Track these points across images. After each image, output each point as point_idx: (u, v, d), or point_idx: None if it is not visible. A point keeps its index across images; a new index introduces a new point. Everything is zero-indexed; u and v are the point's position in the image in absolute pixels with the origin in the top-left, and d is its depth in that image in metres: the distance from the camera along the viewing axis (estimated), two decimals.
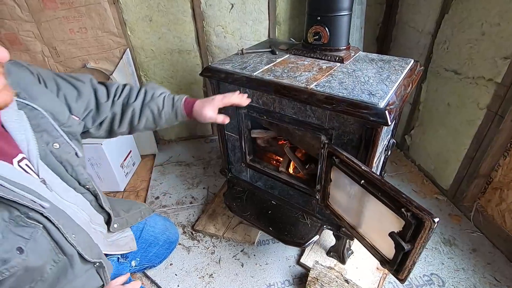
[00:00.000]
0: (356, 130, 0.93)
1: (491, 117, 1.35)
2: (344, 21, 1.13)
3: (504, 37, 1.25)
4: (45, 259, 0.59)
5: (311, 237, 1.22)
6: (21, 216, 0.54)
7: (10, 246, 0.51)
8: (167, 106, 0.90)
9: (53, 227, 0.60)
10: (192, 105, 0.91)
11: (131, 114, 0.87)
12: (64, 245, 0.63)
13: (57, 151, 0.67)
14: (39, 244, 0.57)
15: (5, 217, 0.52)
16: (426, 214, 0.69)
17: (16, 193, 0.53)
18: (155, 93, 0.90)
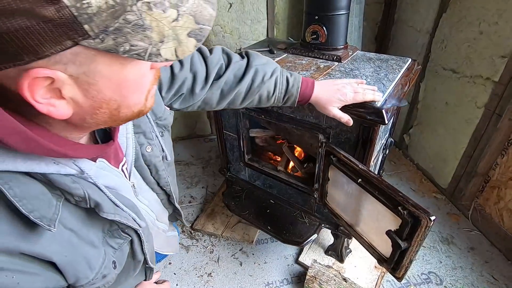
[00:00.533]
0: (353, 129, 0.93)
1: (489, 116, 1.36)
2: (342, 20, 1.13)
3: (502, 36, 1.26)
4: (123, 266, 0.58)
5: (309, 235, 1.23)
6: (118, 230, 0.53)
7: (108, 261, 0.50)
8: (279, 92, 0.77)
9: (138, 238, 0.59)
10: (310, 96, 0.78)
11: (234, 96, 0.75)
12: (138, 253, 0.61)
13: (148, 155, 0.63)
14: (123, 253, 0.56)
15: (105, 229, 0.51)
16: (422, 212, 0.69)
17: (125, 213, 0.51)
18: (266, 73, 0.74)
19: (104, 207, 0.44)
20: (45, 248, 0.37)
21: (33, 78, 0.28)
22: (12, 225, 0.34)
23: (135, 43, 0.29)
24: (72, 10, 0.25)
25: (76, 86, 0.31)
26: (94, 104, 0.34)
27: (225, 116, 1.28)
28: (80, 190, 0.40)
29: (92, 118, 0.36)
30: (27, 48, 0.26)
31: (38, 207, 0.35)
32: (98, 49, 0.29)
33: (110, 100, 0.35)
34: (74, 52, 0.28)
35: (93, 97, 0.33)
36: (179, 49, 0.32)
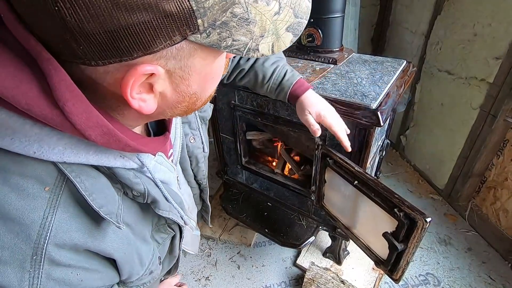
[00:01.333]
0: (349, 131, 0.94)
1: (484, 117, 1.37)
2: (337, 23, 1.13)
3: (495, 38, 1.27)
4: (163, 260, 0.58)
5: (306, 238, 1.23)
6: (165, 225, 0.53)
7: (155, 257, 0.50)
8: (273, 82, 0.79)
9: (179, 234, 0.58)
10: (299, 96, 0.79)
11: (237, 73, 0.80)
12: (176, 248, 0.61)
13: (191, 146, 0.61)
14: (164, 248, 0.56)
15: (154, 223, 0.50)
16: (418, 214, 0.69)
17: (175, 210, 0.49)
18: (269, 59, 0.78)
19: (160, 204, 0.44)
20: (109, 245, 0.37)
21: (140, 75, 0.27)
22: (81, 221, 0.33)
23: (237, 38, 0.28)
24: (192, 4, 0.25)
25: (169, 81, 0.31)
26: (179, 98, 0.33)
27: (221, 119, 1.28)
28: (141, 186, 0.39)
29: (171, 111, 0.35)
30: (140, 43, 0.25)
31: (106, 203, 0.34)
32: (202, 44, 0.28)
33: (193, 94, 0.34)
34: (179, 47, 0.27)
35: (180, 92, 0.33)
36: (276, 44, 0.31)
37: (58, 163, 0.31)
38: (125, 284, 0.45)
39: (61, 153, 0.30)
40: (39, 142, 0.29)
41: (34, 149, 0.29)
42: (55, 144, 0.30)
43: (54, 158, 0.30)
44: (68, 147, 0.31)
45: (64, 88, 0.26)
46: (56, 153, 0.30)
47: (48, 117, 0.27)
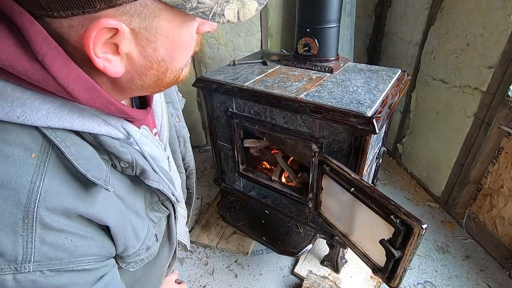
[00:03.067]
0: (345, 138, 0.95)
1: (479, 125, 1.38)
2: (333, 32, 1.16)
3: (488, 47, 1.30)
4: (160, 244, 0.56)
5: (304, 246, 1.22)
6: (158, 203, 0.51)
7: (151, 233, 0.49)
8: None
9: (173, 214, 0.57)
10: None
11: None
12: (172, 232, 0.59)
13: (178, 125, 0.61)
14: (161, 229, 0.55)
15: (147, 201, 0.49)
16: (414, 220, 0.70)
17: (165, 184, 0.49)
18: None
19: (149, 175, 0.43)
20: (100, 211, 0.36)
21: (100, 29, 0.27)
22: (69, 186, 0.32)
23: (203, 0, 0.29)
24: None
25: (134, 42, 0.31)
26: (147, 64, 0.33)
27: (219, 127, 1.29)
28: (128, 155, 0.39)
29: (140, 79, 0.35)
30: None
31: (93, 168, 0.34)
32: (167, 3, 0.28)
33: (161, 61, 0.34)
34: (143, 3, 0.28)
35: (147, 56, 0.33)
36: (241, 11, 0.32)
37: (43, 128, 0.30)
38: (122, 259, 0.44)
39: (45, 117, 0.30)
40: (22, 107, 0.29)
41: (18, 113, 0.28)
42: (37, 108, 0.29)
43: (38, 123, 0.30)
44: (51, 111, 0.30)
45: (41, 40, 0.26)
46: (40, 117, 0.30)
47: (29, 72, 0.27)
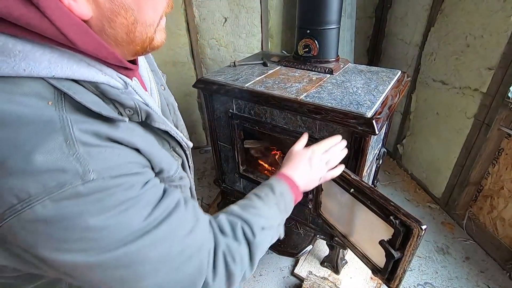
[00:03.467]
0: (345, 139, 0.95)
1: (479, 126, 1.38)
2: (333, 34, 1.16)
3: (487, 49, 1.30)
4: None
5: (304, 246, 1.22)
6: (170, 149, 0.51)
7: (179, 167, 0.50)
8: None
9: (187, 164, 0.57)
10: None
11: None
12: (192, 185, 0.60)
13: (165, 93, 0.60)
14: None
15: None
16: (413, 221, 0.70)
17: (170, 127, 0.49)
18: None
19: (154, 117, 0.43)
20: (127, 135, 0.37)
21: None
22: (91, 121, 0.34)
23: None
24: None
25: None
26: (113, 8, 0.34)
27: (219, 128, 1.29)
28: (131, 101, 0.39)
29: (110, 27, 0.35)
30: None
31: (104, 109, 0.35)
32: None
33: (128, 9, 0.35)
34: None
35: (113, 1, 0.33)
36: None
37: (48, 78, 0.32)
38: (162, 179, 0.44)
39: (48, 67, 0.32)
40: (25, 60, 0.30)
41: (23, 66, 0.30)
42: (39, 59, 0.31)
43: (43, 73, 0.31)
44: (52, 61, 0.32)
45: None
46: (43, 68, 0.31)
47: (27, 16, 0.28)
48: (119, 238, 0.33)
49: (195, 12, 1.82)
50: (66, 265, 0.32)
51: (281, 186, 0.59)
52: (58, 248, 0.31)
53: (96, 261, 0.32)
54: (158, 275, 0.37)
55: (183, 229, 0.40)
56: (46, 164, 0.29)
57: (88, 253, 0.32)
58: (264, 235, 0.50)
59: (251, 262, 0.47)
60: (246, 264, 0.46)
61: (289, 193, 0.59)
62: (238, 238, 0.47)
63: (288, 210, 0.59)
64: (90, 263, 0.32)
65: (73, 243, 0.31)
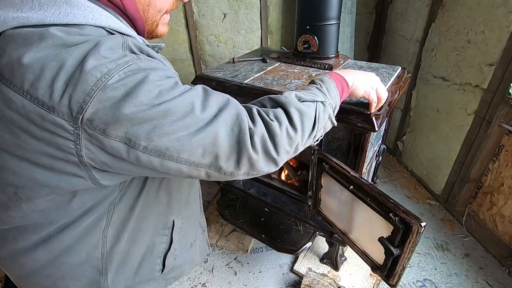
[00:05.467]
0: (345, 136, 0.94)
1: (479, 123, 1.38)
2: (333, 30, 1.15)
3: (489, 45, 1.29)
4: None
5: (303, 243, 1.22)
6: None
7: None
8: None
9: None
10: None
11: None
12: None
13: None
14: None
15: None
16: (413, 218, 0.70)
17: None
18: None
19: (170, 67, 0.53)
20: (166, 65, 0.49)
21: None
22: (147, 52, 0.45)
23: None
24: None
25: None
26: None
27: None
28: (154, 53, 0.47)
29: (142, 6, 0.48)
30: None
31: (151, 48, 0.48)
32: None
33: None
34: None
35: None
36: None
37: (106, 27, 0.43)
38: None
39: (106, 20, 0.43)
40: (92, 13, 0.42)
41: (91, 17, 0.41)
42: (100, 13, 0.43)
43: (104, 23, 0.43)
44: (108, 17, 0.44)
45: None
46: (104, 20, 0.43)
47: None
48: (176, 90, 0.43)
49: (194, 8, 1.81)
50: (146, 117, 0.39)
51: (322, 76, 0.64)
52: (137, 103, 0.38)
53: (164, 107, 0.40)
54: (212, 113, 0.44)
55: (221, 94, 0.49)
56: (113, 54, 0.39)
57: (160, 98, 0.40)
58: (302, 104, 0.53)
59: (290, 121, 0.50)
60: (285, 121, 0.50)
61: (330, 80, 0.63)
62: (271, 104, 0.54)
63: (333, 95, 0.61)
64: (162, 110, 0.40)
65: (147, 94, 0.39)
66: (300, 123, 0.51)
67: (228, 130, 0.44)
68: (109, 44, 0.39)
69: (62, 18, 0.39)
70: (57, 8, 0.39)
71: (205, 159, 0.43)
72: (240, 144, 0.44)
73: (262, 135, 0.46)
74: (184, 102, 0.42)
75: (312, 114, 0.54)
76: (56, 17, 0.39)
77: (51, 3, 0.39)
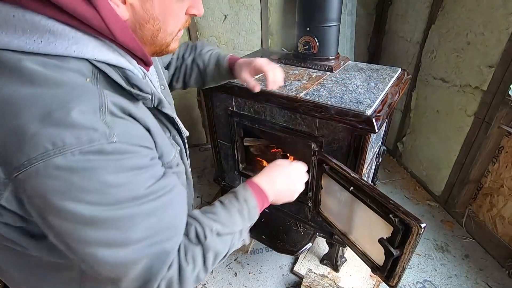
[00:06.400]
0: (345, 137, 0.95)
1: (479, 124, 1.38)
2: (333, 31, 1.16)
3: (488, 46, 1.29)
4: None
5: (303, 244, 1.22)
6: (170, 138, 0.56)
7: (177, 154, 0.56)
8: (211, 63, 0.87)
9: (184, 151, 0.62)
10: (235, 62, 0.86)
11: (184, 69, 0.89)
12: (188, 170, 0.65)
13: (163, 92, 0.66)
14: None
15: None
16: (413, 219, 0.70)
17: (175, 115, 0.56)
18: (204, 49, 0.89)
19: (164, 104, 0.51)
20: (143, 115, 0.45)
21: None
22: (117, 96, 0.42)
23: None
24: None
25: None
26: (145, 16, 0.43)
27: (219, 125, 1.29)
28: (149, 88, 0.47)
29: (140, 29, 0.45)
30: None
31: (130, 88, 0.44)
32: None
33: (156, 19, 0.45)
34: None
35: (146, 10, 0.43)
36: None
37: (91, 60, 0.40)
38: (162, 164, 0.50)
39: (92, 51, 0.40)
40: (77, 44, 0.38)
41: (74, 48, 0.38)
42: (87, 44, 0.39)
43: (88, 55, 0.39)
44: (96, 48, 0.40)
45: None
46: (89, 51, 0.39)
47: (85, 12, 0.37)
48: (125, 198, 0.39)
49: None
50: (72, 217, 0.36)
51: (246, 193, 0.61)
52: (73, 197, 0.35)
53: (100, 216, 0.37)
54: (141, 244, 0.41)
55: (172, 210, 0.45)
56: (83, 121, 0.35)
57: (97, 207, 0.36)
58: (220, 240, 0.52)
59: (204, 265, 0.49)
60: (199, 265, 0.48)
61: (253, 199, 0.60)
62: (191, 238, 0.50)
63: (252, 217, 0.60)
64: (94, 217, 0.37)
65: (87, 194, 0.36)
66: (213, 263, 0.51)
67: (143, 268, 0.42)
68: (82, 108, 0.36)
69: (42, 48, 0.37)
70: (40, 36, 0.36)
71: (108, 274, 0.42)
72: (146, 284, 0.44)
73: (170, 279, 0.45)
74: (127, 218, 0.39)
75: (226, 250, 0.54)
76: (37, 46, 0.36)
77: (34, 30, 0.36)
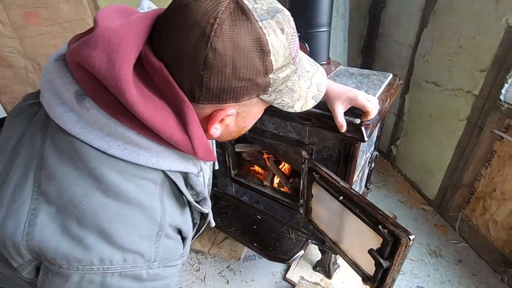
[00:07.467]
0: (335, 145, 0.93)
1: (471, 128, 1.38)
2: (324, 36, 1.14)
3: (480, 50, 1.29)
4: None
5: (295, 252, 1.21)
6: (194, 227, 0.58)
7: None
8: None
9: None
10: None
11: None
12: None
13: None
14: None
15: None
16: (402, 231, 0.69)
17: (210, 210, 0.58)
18: None
19: (207, 202, 0.54)
20: (187, 223, 0.49)
21: (225, 113, 0.41)
22: (177, 207, 0.46)
23: (284, 99, 0.45)
24: (271, 80, 0.41)
25: (235, 118, 0.45)
26: (235, 130, 0.47)
27: None
28: (199, 186, 0.50)
29: (226, 137, 0.49)
30: (235, 97, 0.39)
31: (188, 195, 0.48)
32: (263, 100, 0.44)
33: (243, 128, 0.49)
34: (253, 101, 0.43)
35: (238, 126, 0.47)
36: (304, 105, 0.49)
37: (166, 170, 0.43)
38: None
39: (168, 164, 0.43)
40: (157, 157, 0.41)
41: (153, 161, 0.41)
42: (164, 158, 0.42)
43: (164, 167, 0.43)
44: (172, 160, 0.43)
45: (195, 124, 0.39)
46: (165, 164, 0.43)
47: (180, 141, 0.39)
48: None
49: None
50: None
51: None
52: None
53: None
54: None
55: None
56: (135, 246, 0.38)
57: None
58: None
59: None
60: None
61: None
62: None
63: None
64: None
65: None
66: None
67: None
68: (142, 232, 0.39)
69: (125, 155, 0.38)
70: (124, 143, 0.38)
71: None
72: None
73: None
74: None
75: None
76: (120, 152, 0.38)
77: (119, 136, 0.38)
